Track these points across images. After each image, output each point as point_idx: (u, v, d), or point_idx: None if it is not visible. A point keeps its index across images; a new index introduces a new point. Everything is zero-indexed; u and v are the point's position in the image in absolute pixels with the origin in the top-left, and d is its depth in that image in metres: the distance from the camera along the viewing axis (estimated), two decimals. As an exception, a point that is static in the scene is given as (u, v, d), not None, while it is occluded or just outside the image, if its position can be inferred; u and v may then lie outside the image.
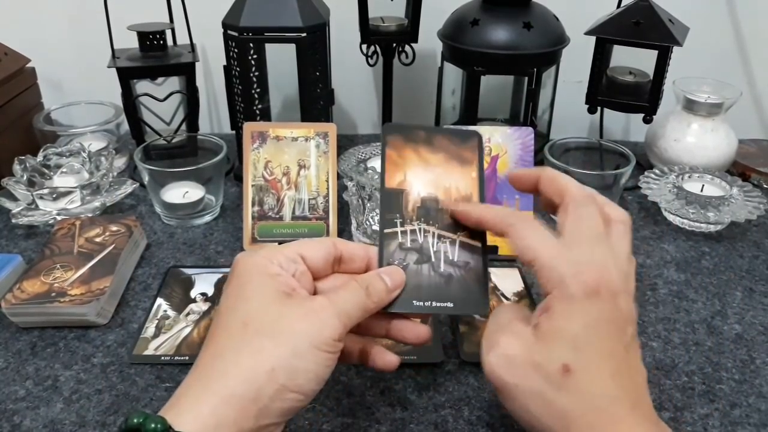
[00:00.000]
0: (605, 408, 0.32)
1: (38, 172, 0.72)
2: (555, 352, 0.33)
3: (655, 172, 0.75)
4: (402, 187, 0.42)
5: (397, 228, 0.41)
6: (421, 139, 0.43)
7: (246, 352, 0.33)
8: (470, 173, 0.43)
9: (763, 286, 0.62)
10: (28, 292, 0.55)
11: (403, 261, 0.40)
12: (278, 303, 0.35)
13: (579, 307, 0.33)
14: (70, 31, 0.90)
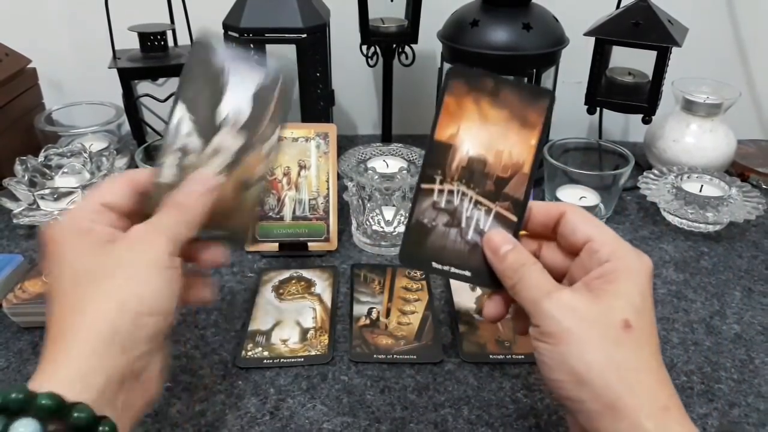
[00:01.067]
0: (655, 368, 0.34)
1: (39, 172, 0.72)
2: (616, 308, 0.34)
3: (654, 173, 0.76)
4: (451, 142, 0.39)
5: (435, 185, 0.39)
6: (487, 90, 0.39)
7: (87, 301, 0.33)
8: (530, 139, 0.39)
9: (761, 286, 0.62)
10: (30, 292, 0.55)
11: (434, 221, 0.39)
12: (102, 250, 0.35)
13: (640, 280, 0.35)
14: (71, 32, 0.90)
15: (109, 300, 0.33)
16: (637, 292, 0.35)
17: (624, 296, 0.35)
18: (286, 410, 0.47)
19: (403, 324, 0.56)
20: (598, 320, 0.34)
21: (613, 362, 0.33)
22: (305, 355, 0.52)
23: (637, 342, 0.34)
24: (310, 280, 0.62)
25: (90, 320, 0.32)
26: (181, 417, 0.46)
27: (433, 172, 0.39)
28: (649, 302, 0.35)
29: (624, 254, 0.36)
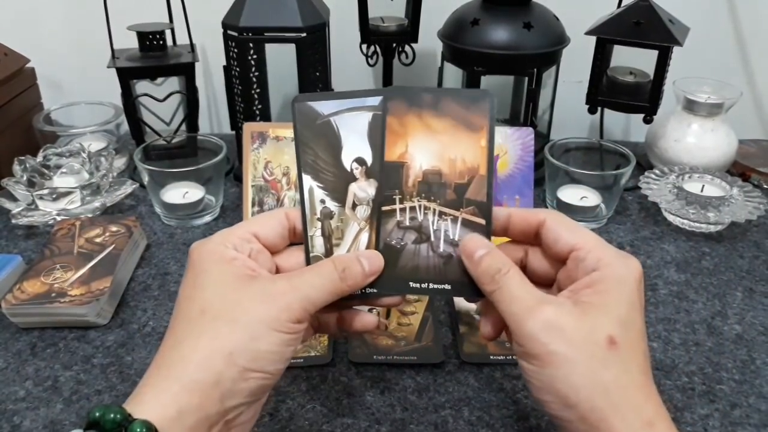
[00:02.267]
0: (642, 384, 0.33)
1: (38, 172, 0.72)
2: (601, 324, 0.33)
3: (655, 173, 0.75)
4: (402, 160, 0.38)
5: (396, 205, 0.38)
6: (426, 104, 0.39)
7: (203, 338, 0.33)
8: (479, 141, 0.39)
9: (763, 287, 0.62)
10: (28, 292, 0.55)
11: (401, 241, 0.38)
12: (237, 287, 0.34)
13: (627, 288, 0.34)
14: (69, 32, 0.90)
15: (222, 347, 0.32)
16: (624, 303, 0.34)
17: (610, 309, 0.34)
18: (285, 412, 0.47)
19: (404, 325, 0.56)
20: (584, 340, 0.33)
21: (599, 384, 0.33)
22: (305, 356, 0.52)
23: (623, 359, 0.33)
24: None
25: (199, 359, 0.32)
26: (179, 418, 0.46)
27: (391, 192, 0.38)
28: (636, 311, 0.35)
29: (610, 261, 0.35)
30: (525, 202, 0.66)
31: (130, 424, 0.30)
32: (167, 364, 0.33)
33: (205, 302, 0.34)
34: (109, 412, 0.30)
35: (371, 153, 0.39)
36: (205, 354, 0.32)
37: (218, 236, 0.37)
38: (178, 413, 0.31)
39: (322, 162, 0.38)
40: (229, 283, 0.34)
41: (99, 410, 0.30)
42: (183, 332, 0.34)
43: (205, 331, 0.33)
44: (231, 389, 0.32)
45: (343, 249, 0.38)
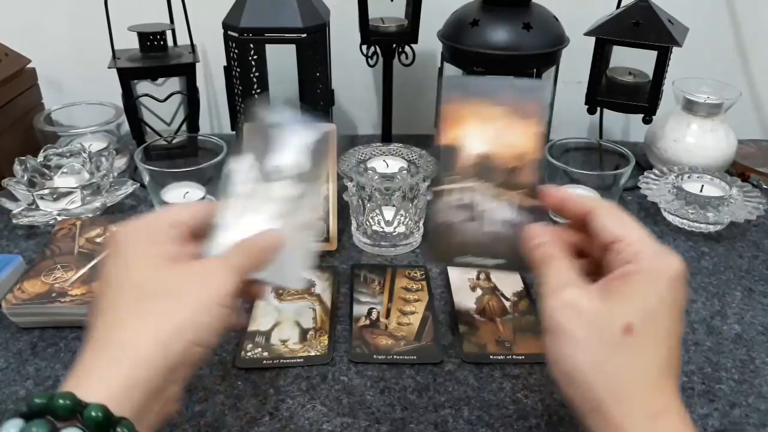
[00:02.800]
0: (654, 375, 0.33)
1: (39, 172, 0.72)
2: (622, 311, 0.34)
3: (654, 173, 0.75)
4: (457, 143, 0.41)
5: (451, 185, 0.41)
6: (482, 92, 0.42)
7: (149, 315, 0.34)
8: (531, 128, 0.41)
9: (762, 286, 0.62)
10: (29, 292, 0.55)
11: (455, 218, 0.41)
12: (170, 266, 0.36)
13: (659, 283, 0.34)
14: (70, 32, 0.90)
15: (168, 321, 0.34)
16: (653, 295, 0.34)
17: (635, 299, 0.34)
18: (285, 411, 0.47)
19: (403, 324, 0.56)
20: (597, 322, 0.34)
21: (602, 367, 0.33)
22: (305, 356, 0.52)
23: (637, 347, 0.33)
24: (310, 280, 0.62)
25: (145, 336, 0.33)
26: (180, 417, 0.46)
27: (446, 174, 0.41)
28: (666, 307, 0.34)
29: (648, 256, 0.35)
30: (524, 202, 0.66)
31: (85, 409, 0.29)
32: (109, 345, 0.33)
33: (138, 281, 0.35)
34: (58, 398, 0.30)
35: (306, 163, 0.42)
36: (154, 330, 0.33)
37: (143, 220, 0.38)
38: (127, 390, 0.32)
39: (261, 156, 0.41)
40: (161, 263, 0.36)
41: (42, 398, 0.30)
42: (121, 313, 0.35)
43: (148, 309, 0.34)
44: (177, 362, 0.33)
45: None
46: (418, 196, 0.64)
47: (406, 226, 0.65)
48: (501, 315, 0.57)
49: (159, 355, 0.33)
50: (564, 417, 0.47)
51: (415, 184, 0.63)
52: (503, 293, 0.60)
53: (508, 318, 0.57)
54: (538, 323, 0.56)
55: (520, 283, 0.62)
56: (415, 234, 0.67)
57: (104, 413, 0.30)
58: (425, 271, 0.63)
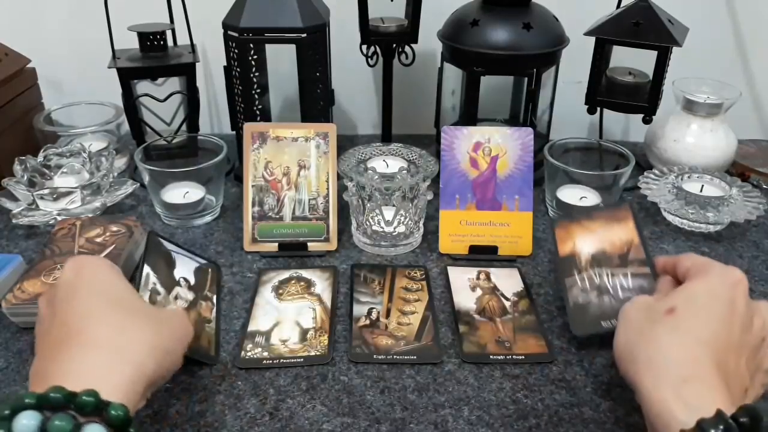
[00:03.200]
0: (689, 344, 0.38)
1: (39, 172, 0.72)
2: (670, 300, 0.42)
3: (654, 173, 0.75)
4: (573, 252, 0.57)
5: (576, 276, 0.55)
6: (582, 217, 0.59)
7: (149, 330, 0.41)
8: (628, 225, 0.56)
9: (762, 287, 0.62)
10: (29, 292, 0.55)
11: (587, 298, 0.53)
12: (132, 290, 0.45)
13: (715, 282, 0.42)
14: (70, 32, 0.90)
15: (164, 343, 0.42)
16: (701, 288, 0.42)
17: (685, 291, 0.42)
18: (285, 411, 0.47)
19: (403, 324, 0.56)
20: (648, 308, 0.42)
21: (643, 337, 0.40)
22: (305, 356, 0.52)
23: (675, 323, 0.40)
24: (310, 280, 0.62)
25: (149, 350, 0.40)
26: (180, 417, 0.46)
27: (570, 271, 0.55)
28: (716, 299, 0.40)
29: (708, 268, 0.43)
30: (524, 202, 0.66)
31: (107, 407, 0.32)
32: (115, 347, 0.38)
33: (116, 298, 0.42)
34: (82, 395, 0.32)
35: (194, 279, 0.58)
36: (151, 344, 0.40)
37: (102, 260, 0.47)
38: (127, 394, 0.36)
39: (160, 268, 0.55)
40: (126, 286, 0.45)
41: (58, 392, 0.32)
42: (124, 320, 0.41)
43: (149, 324, 0.42)
44: (155, 378, 0.40)
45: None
46: (418, 196, 0.64)
47: (406, 226, 0.65)
48: (501, 315, 0.57)
49: (150, 366, 0.39)
50: (564, 417, 0.47)
51: (415, 184, 0.63)
52: (503, 293, 0.60)
53: (508, 318, 0.57)
54: (538, 323, 0.56)
55: (520, 283, 0.62)
56: (415, 234, 0.67)
57: (125, 412, 0.33)
58: (425, 271, 0.63)
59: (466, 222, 0.66)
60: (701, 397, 0.35)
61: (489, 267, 0.64)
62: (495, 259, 0.65)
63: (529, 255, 0.66)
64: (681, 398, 0.35)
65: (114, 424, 0.32)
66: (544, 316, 0.57)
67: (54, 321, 0.40)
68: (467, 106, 0.75)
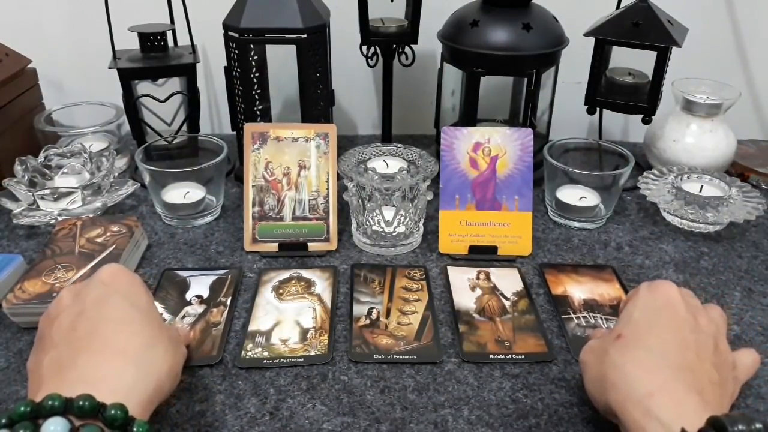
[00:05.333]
0: (642, 359, 0.40)
1: (39, 172, 0.72)
2: (615, 329, 0.43)
3: (654, 173, 0.76)
4: (566, 295, 0.60)
5: (572, 316, 0.57)
6: (569, 270, 0.64)
7: (171, 350, 0.43)
8: (614, 285, 0.61)
9: (761, 287, 0.62)
10: (30, 292, 0.55)
11: (584, 332, 0.55)
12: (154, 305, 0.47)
13: (642, 299, 0.44)
14: (71, 32, 0.90)
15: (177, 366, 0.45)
16: (638, 309, 0.43)
17: (624, 317, 0.44)
18: (285, 410, 0.47)
19: (403, 324, 0.56)
20: (600, 345, 0.43)
21: (602, 371, 0.41)
22: (305, 355, 0.52)
23: (624, 344, 0.41)
24: (310, 280, 0.62)
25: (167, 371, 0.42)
26: (180, 417, 0.46)
27: (565, 310, 0.58)
28: (650, 311, 0.42)
29: (637, 290, 0.45)
30: (524, 202, 0.66)
31: (132, 423, 0.33)
32: (143, 362, 0.40)
33: (147, 310, 0.44)
34: (111, 408, 0.33)
35: (208, 293, 0.60)
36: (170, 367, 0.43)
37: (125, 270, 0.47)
38: (143, 408, 0.38)
39: (169, 297, 0.59)
40: (151, 300, 0.47)
41: (55, 399, 0.32)
42: (153, 335, 0.42)
43: (172, 345, 0.44)
44: (158, 398, 0.41)
45: None
46: (418, 196, 0.64)
47: (406, 226, 0.65)
48: (501, 314, 0.57)
49: (165, 388, 0.41)
50: (564, 416, 0.47)
51: (415, 184, 0.63)
52: (503, 293, 0.60)
53: (507, 317, 0.57)
54: (538, 323, 0.56)
55: (520, 282, 0.62)
56: (415, 234, 0.67)
57: (124, 412, 0.33)
58: (425, 271, 0.63)
59: (466, 222, 0.66)
60: (670, 409, 0.36)
61: (489, 267, 0.64)
62: (495, 259, 0.65)
63: (529, 255, 0.66)
64: (650, 414, 0.36)
65: (111, 424, 0.33)
66: (544, 315, 0.58)
67: (81, 318, 0.40)
68: (467, 106, 0.75)
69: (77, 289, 0.43)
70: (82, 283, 0.44)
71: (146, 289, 0.46)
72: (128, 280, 0.45)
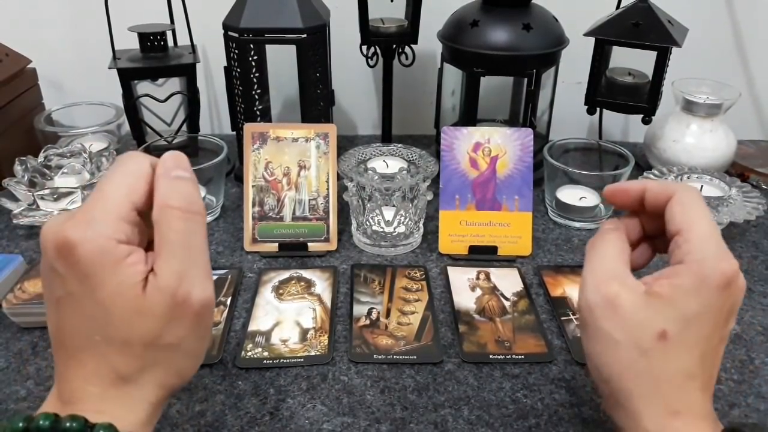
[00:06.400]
0: (680, 377, 0.34)
1: (39, 172, 0.72)
2: (661, 317, 0.34)
3: (654, 173, 0.75)
4: (564, 296, 0.59)
5: (572, 317, 0.57)
6: (567, 271, 0.63)
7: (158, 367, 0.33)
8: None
9: (761, 287, 0.62)
10: (30, 292, 0.55)
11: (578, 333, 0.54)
12: (142, 308, 0.31)
13: (706, 290, 0.34)
14: (71, 32, 0.90)
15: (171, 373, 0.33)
16: (694, 303, 0.33)
17: (676, 305, 0.34)
18: (285, 410, 0.47)
19: (403, 324, 0.56)
20: (635, 327, 0.34)
21: (632, 368, 0.34)
22: (305, 356, 0.52)
23: (668, 353, 0.34)
24: (310, 280, 0.62)
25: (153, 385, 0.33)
26: (180, 417, 0.46)
27: (564, 312, 0.57)
28: (709, 314, 0.34)
29: (702, 257, 0.34)
30: (524, 203, 0.66)
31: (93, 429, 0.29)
32: (128, 386, 0.32)
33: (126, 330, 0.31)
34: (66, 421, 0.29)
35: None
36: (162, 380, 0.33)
37: (100, 222, 0.31)
38: (148, 419, 0.33)
39: None
40: (132, 298, 0.31)
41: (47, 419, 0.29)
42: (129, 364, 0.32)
43: (158, 361, 0.32)
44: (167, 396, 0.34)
45: None
46: (418, 197, 0.64)
47: (406, 226, 0.65)
48: (501, 315, 0.57)
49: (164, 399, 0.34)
50: (564, 417, 0.47)
51: (415, 184, 0.63)
52: (503, 293, 0.60)
53: (507, 317, 0.57)
54: (538, 323, 0.56)
55: (520, 282, 0.62)
56: (415, 234, 0.67)
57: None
58: (425, 271, 0.63)
59: (466, 222, 0.66)
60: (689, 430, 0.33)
61: (489, 267, 0.64)
62: (495, 259, 0.65)
63: (529, 255, 0.66)
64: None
65: None
66: (544, 316, 0.58)
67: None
68: (467, 106, 0.75)
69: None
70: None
71: None
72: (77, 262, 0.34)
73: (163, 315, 0.31)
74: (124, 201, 0.32)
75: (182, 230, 0.33)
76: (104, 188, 0.33)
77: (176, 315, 0.32)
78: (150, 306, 0.31)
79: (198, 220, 0.34)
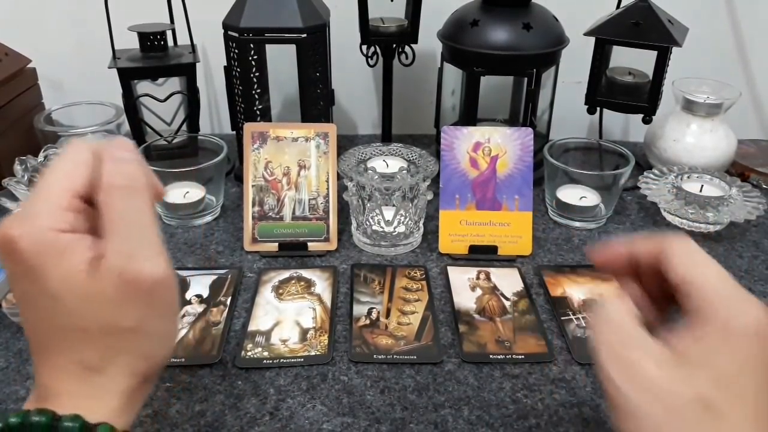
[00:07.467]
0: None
1: (39, 172, 0.72)
2: (697, 383, 0.29)
3: (654, 173, 0.75)
4: (564, 296, 0.60)
5: (572, 317, 0.57)
6: (567, 271, 0.63)
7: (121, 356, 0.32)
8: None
9: (762, 286, 0.62)
10: (30, 292, 0.55)
11: (584, 333, 0.55)
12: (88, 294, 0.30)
13: (736, 340, 0.29)
14: (70, 32, 0.90)
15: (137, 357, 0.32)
16: (728, 358, 0.29)
17: (709, 364, 0.29)
18: (285, 410, 0.47)
19: (403, 324, 0.56)
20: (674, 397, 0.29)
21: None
22: (305, 356, 0.52)
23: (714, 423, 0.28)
24: (310, 280, 0.62)
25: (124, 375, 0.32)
26: (180, 417, 0.46)
27: (564, 312, 0.58)
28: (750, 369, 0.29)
29: (720, 304, 0.30)
30: (524, 202, 0.66)
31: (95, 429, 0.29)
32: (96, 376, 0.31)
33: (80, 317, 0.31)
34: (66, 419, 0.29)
35: (208, 292, 0.60)
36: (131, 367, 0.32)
37: (40, 214, 0.31)
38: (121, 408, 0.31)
39: None
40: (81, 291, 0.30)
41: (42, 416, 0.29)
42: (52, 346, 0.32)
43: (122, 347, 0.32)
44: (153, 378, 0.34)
45: None
46: (418, 196, 0.64)
47: (406, 226, 0.65)
48: (501, 314, 0.57)
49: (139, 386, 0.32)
50: (564, 417, 0.47)
51: (415, 184, 0.63)
52: (503, 293, 0.60)
53: (507, 317, 0.57)
54: (538, 323, 0.56)
55: (520, 282, 0.62)
56: (415, 234, 0.67)
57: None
58: (425, 271, 0.63)
59: (466, 222, 0.66)
60: None
61: (489, 267, 0.64)
62: (495, 259, 0.65)
63: (529, 255, 0.66)
64: None
65: None
66: (544, 315, 0.58)
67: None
68: (467, 106, 0.75)
69: None
70: None
71: None
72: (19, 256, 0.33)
73: (114, 297, 0.30)
74: (63, 190, 0.32)
75: (126, 209, 0.31)
76: (44, 180, 0.32)
77: (129, 296, 0.31)
78: (99, 290, 0.30)
79: (142, 196, 0.32)
